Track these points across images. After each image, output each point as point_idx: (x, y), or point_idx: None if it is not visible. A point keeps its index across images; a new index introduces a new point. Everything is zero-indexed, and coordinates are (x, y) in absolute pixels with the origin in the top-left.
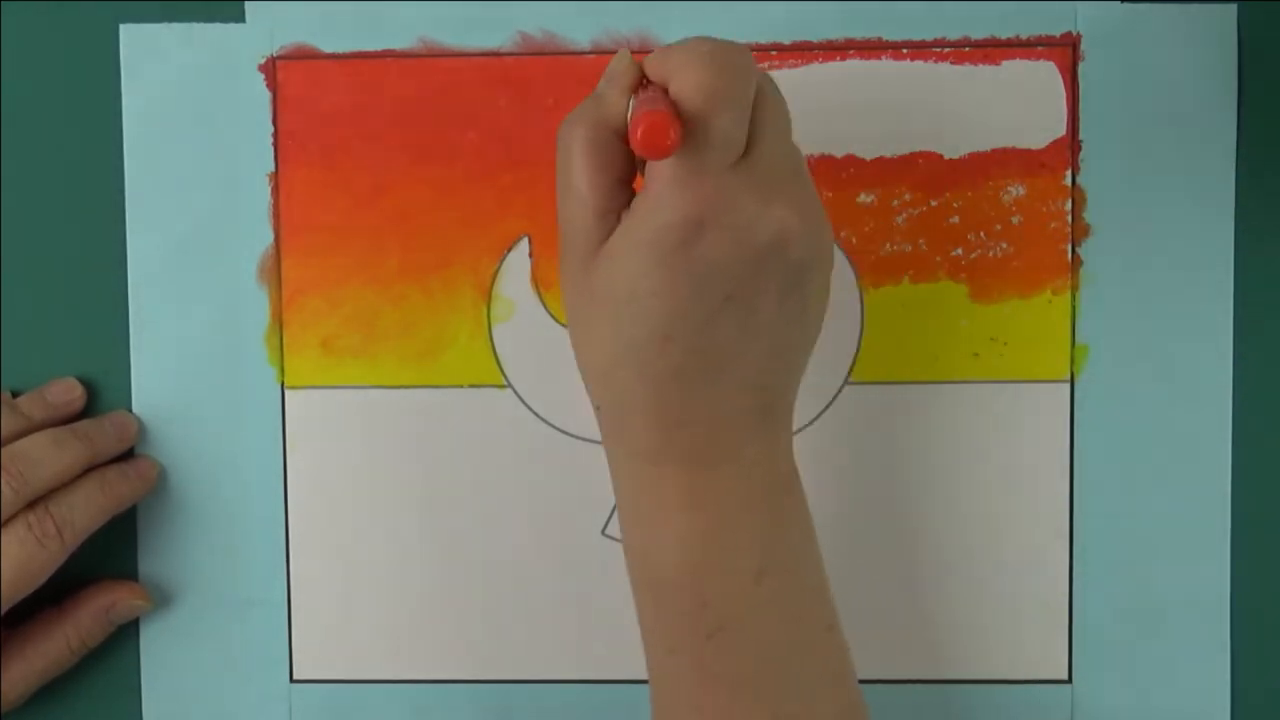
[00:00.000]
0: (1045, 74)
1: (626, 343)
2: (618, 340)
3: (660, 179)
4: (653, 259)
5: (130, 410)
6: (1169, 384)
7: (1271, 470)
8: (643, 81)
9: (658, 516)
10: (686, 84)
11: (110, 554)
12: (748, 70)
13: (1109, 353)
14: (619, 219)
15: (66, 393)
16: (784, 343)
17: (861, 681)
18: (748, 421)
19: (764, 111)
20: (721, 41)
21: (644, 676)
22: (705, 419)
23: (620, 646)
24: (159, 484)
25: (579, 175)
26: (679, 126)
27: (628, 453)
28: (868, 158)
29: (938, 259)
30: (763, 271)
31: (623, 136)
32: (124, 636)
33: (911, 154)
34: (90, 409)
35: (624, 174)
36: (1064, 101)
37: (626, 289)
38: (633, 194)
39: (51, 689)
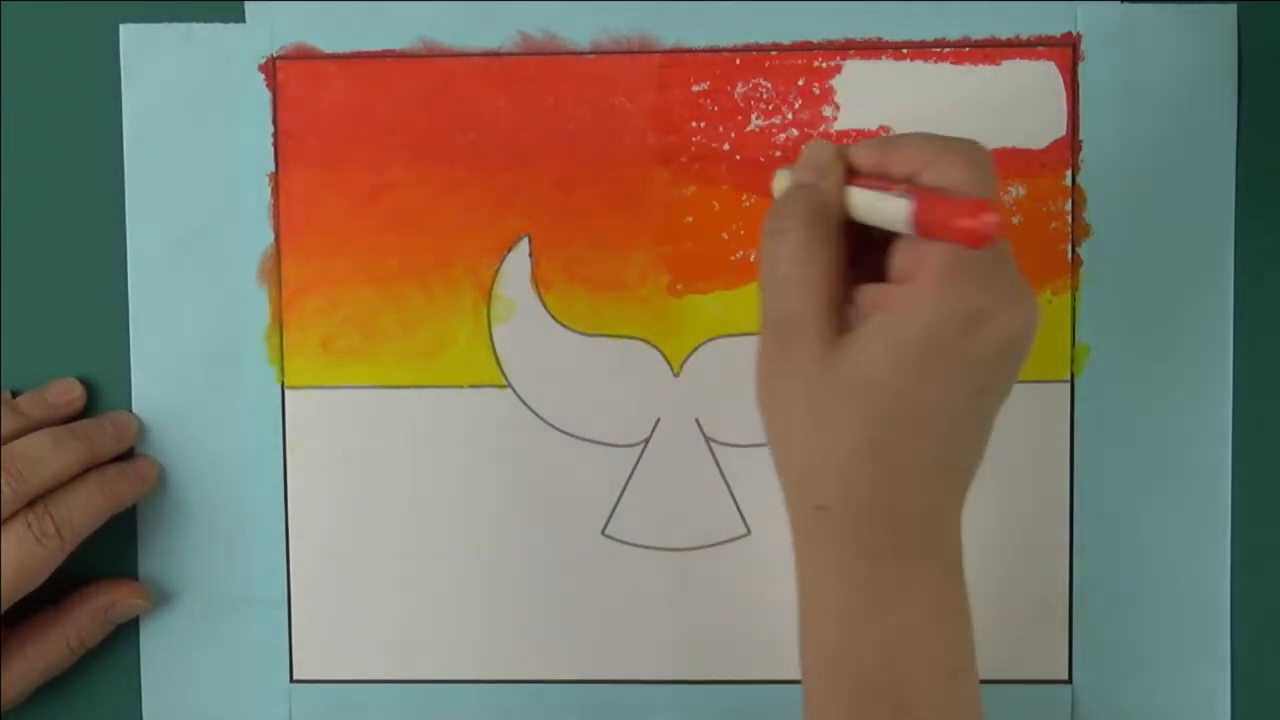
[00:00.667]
0: (1045, 74)
1: (875, 437)
2: (865, 434)
3: (936, 271)
4: (921, 351)
5: (130, 410)
6: (1169, 384)
7: (1271, 470)
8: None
9: (868, 615)
10: (958, 177)
11: (110, 554)
12: (992, 162)
13: (1109, 353)
14: (846, 309)
15: (66, 392)
16: (989, 428)
17: None
18: (953, 511)
19: None
20: (956, 138)
21: (644, 677)
22: (927, 513)
23: (620, 646)
24: (159, 484)
25: (810, 267)
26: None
27: (841, 552)
28: None
29: None
30: (1007, 364)
31: (842, 226)
32: (124, 636)
33: None
34: (90, 409)
35: (844, 265)
36: (1064, 101)
37: (889, 379)
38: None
39: (51, 689)
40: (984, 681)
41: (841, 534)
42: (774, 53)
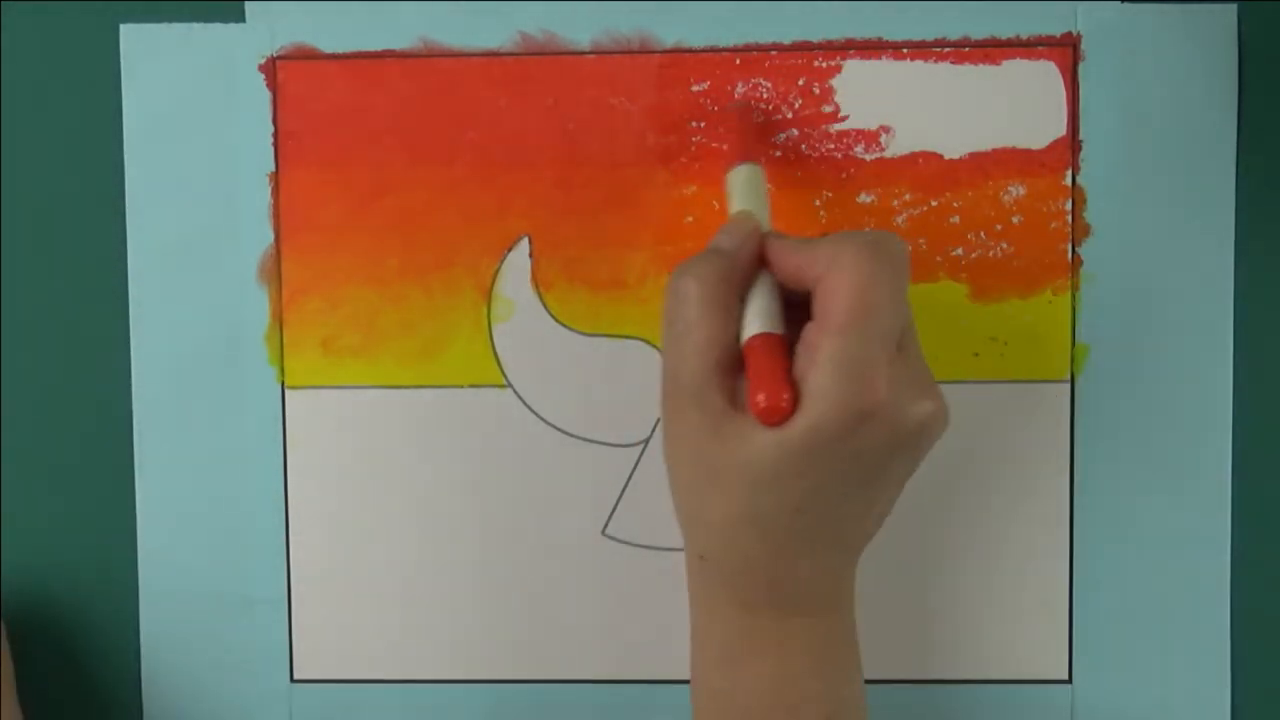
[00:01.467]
0: (1045, 74)
1: (754, 510)
2: (746, 505)
3: (824, 367)
4: (805, 444)
5: (130, 410)
6: (1169, 384)
7: (1271, 470)
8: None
9: (748, 660)
10: (853, 276)
11: (110, 554)
12: (906, 262)
13: (1109, 353)
14: (735, 377)
15: None
16: (888, 510)
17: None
18: (843, 577)
19: (908, 311)
20: (876, 232)
21: (644, 677)
22: (810, 577)
23: (620, 646)
24: (159, 484)
25: (698, 333)
26: (795, 400)
27: (724, 601)
28: (868, 158)
29: (938, 259)
30: (900, 454)
31: (740, 295)
32: (124, 636)
33: (911, 154)
34: (90, 409)
35: (739, 335)
36: (1064, 101)
37: (770, 467)
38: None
39: (52, 689)
40: (984, 681)
41: (721, 585)
42: (774, 53)
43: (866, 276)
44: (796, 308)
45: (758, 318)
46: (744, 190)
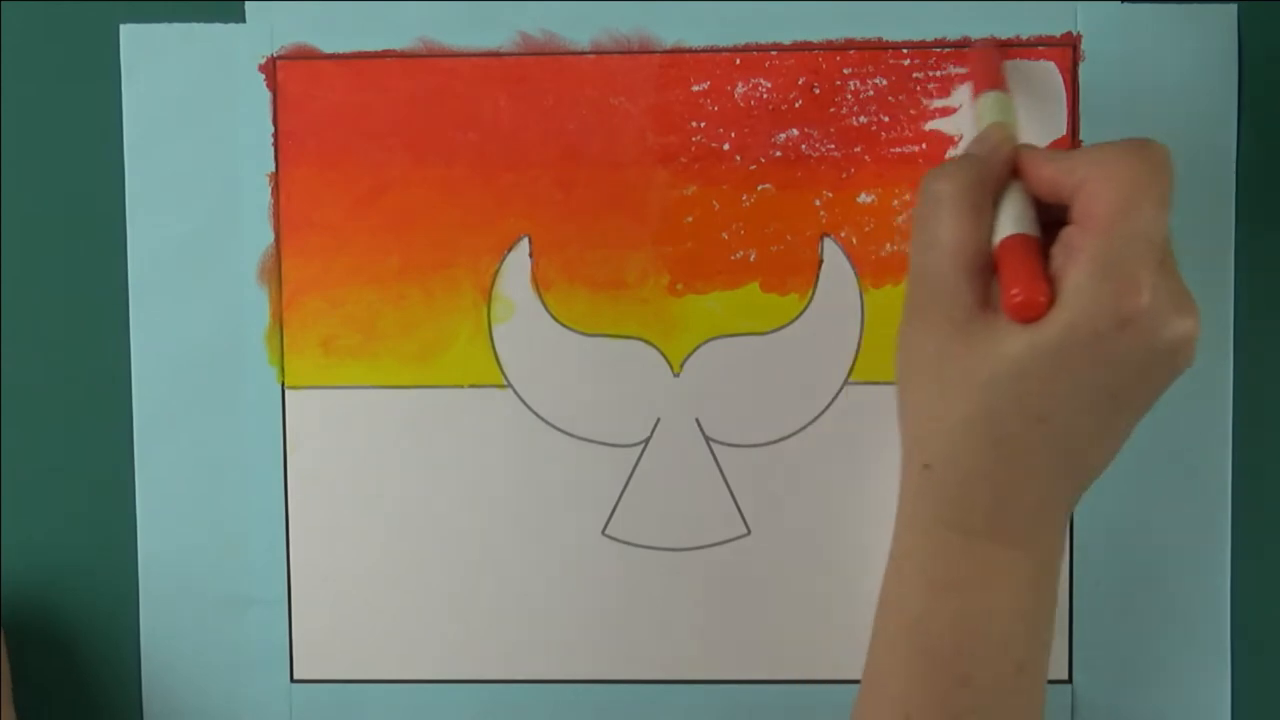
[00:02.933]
0: (1045, 74)
1: (995, 414)
2: (984, 409)
3: (1089, 268)
4: (1059, 344)
5: (130, 410)
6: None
7: (1271, 471)
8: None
9: (951, 589)
10: (1119, 176)
11: (110, 555)
12: (1168, 165)
13: None
14: (986, 279)
15: None
16: (1121, 440)
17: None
18: (1060, 512)
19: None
20: (1140, 139)
21: (645, 677)
22: (1030, 502)
23: (620, 646)
24: (160, 484)
25: (949, 230)
26: (1051, 298)
27: (938, 519)
28: (868, 158)
29: None
30: (1150, 375)
31: (994, 199)
32: (124, 636)
33: (912, 154)
34: (90, 409)
35: (990, 237)
36: (1064, 101)
37: (1015, 367)
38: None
39: (51, 689)
40: None
41: (941, 500)
42: (774, 53)
43: (1134, 177)
44: (1047, 228)
45: (1012, 220)
46: (994, 111)
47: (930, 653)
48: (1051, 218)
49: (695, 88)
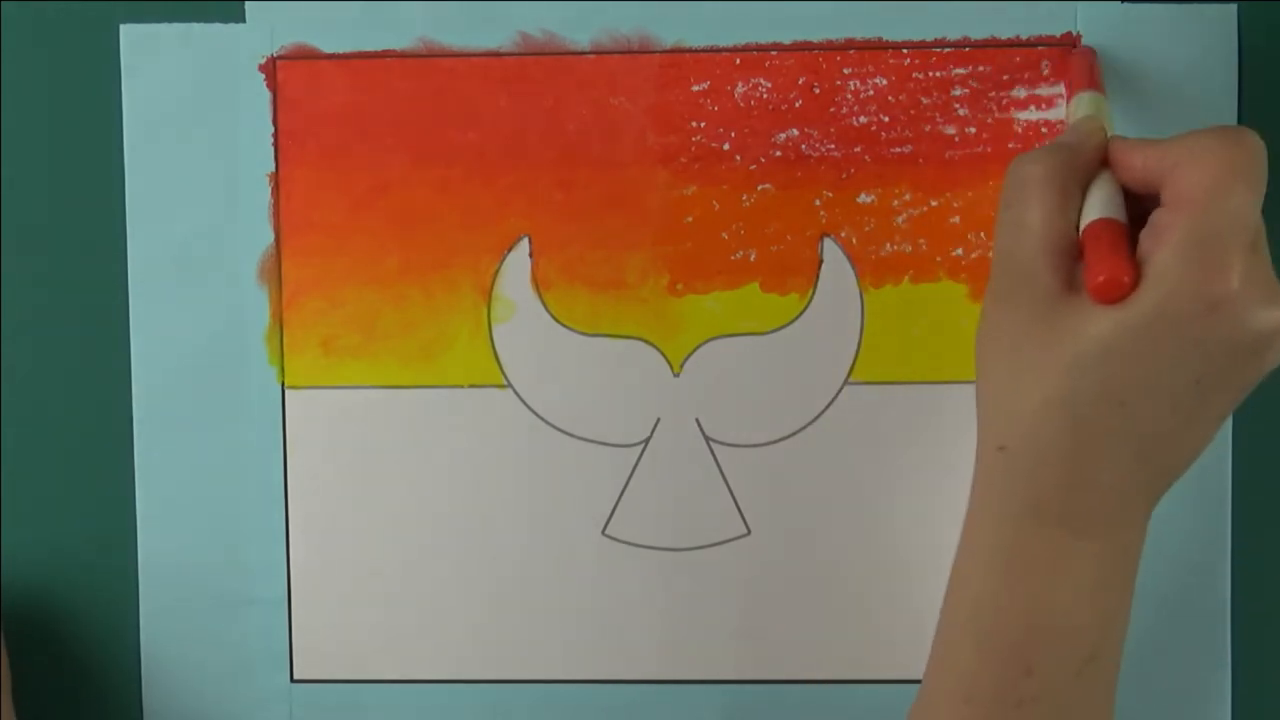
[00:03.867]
0: (1045, 74)
1: (1076, 396)
2: (1067, 391)
3: (1178, 249)
4: (1145, 324)
5: (130, 410)
6: None
7: (1271, 470)
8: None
9: (1021, 574)
10: (1212, 159)
11: (110, 554)
12: (1264, 155)
13: None
14: (1071, 262)
15: None
16: (1205, 436)
17: (862, 681)
18: (1140, 505)
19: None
20: (1233, 126)
21: (645, 677)
22: (1106, 491)
23: (620, 646)
24: (160, 484)
25: (1035, 212)
26: (1136, 280)
27: (1010, 504)
28: (868, 158)
29: (938, 259)
30: (1237, 365)
31: (1082, 185)
32: (124, 636)
33: (911, 154)
34: (90, 409)
35: (1077, 222)
36: (1064, 101)
37: (1102, 345)
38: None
39: (51, 689)
40: None
41: (1016, 483)
42: (774, 53)
43: (1227, 159)
44: (1137, 220)
45: (1100, 205)
46: (1087, 108)
47: (995, 637)
48: (1142, 209)
49: (695, 88)
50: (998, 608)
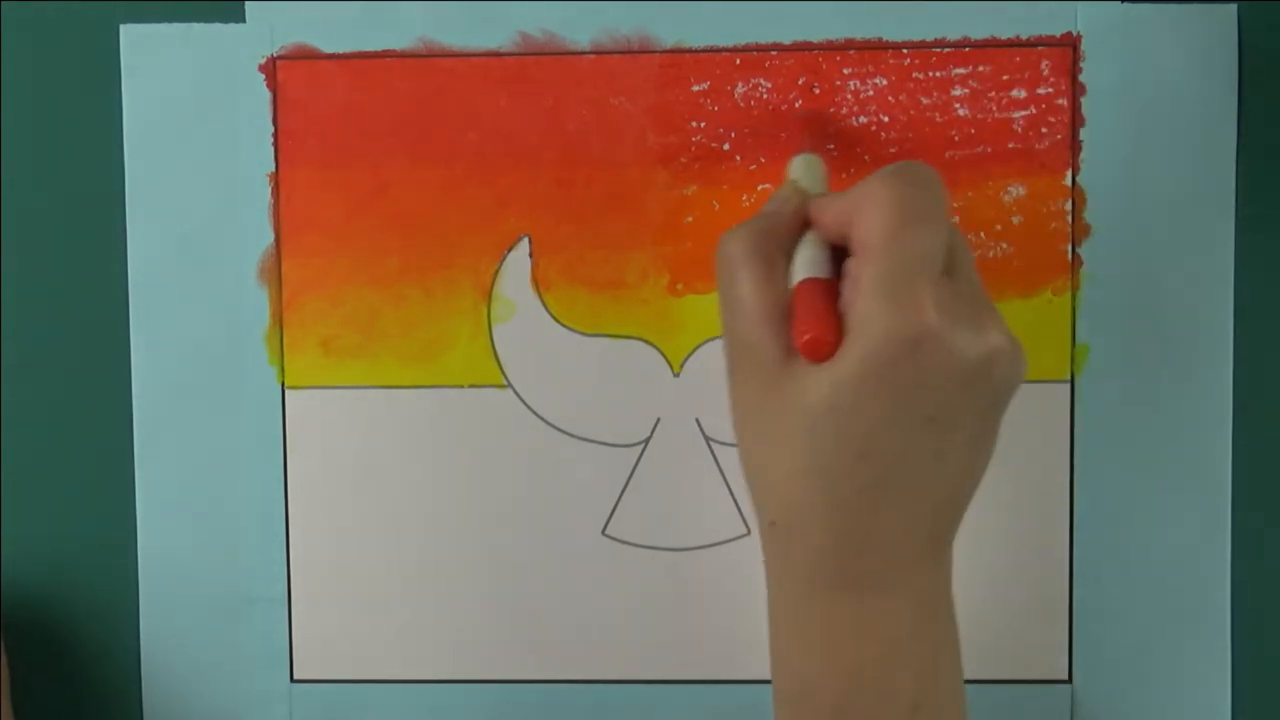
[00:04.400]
0: (1045, 74)
1: (816, 459)
2: (807, 456)
3: (869, 295)
4: (858, 375)
5: (130, 410)
6: (1169, 384)
7: (1271, 470)
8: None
9: (823, 644)
10: (882, 200)
11: (110, 554)
12: (938, 184)
13: (1109, 353)
14: (788, 328)
15: None
16: (969, 466)
17: None
18: (922, 548)
19: (955, 237)
20: (902, 162)
21: (645, 677)
22: (883, 544)
23: (620, 646)
24: (160, 484)
25: (745, 287)
26: (840, 335)
27: (796, 576)
28: (868, 158)
29: None
30: (968, 392)
31: (786, 251)
32: (124, 636)
33: (912, 154)
34: (90, 409)
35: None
36: (1064, 101)
37: (825, 404)
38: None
39: (51, 688)
40: (984, 681)
41: (793, 555)
42: (774, 53)
43: (897, 198)
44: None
45: (804, 266)
46: (799, 170)
47: (818, 709)
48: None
49: (695, 88)
50: (810, 679)
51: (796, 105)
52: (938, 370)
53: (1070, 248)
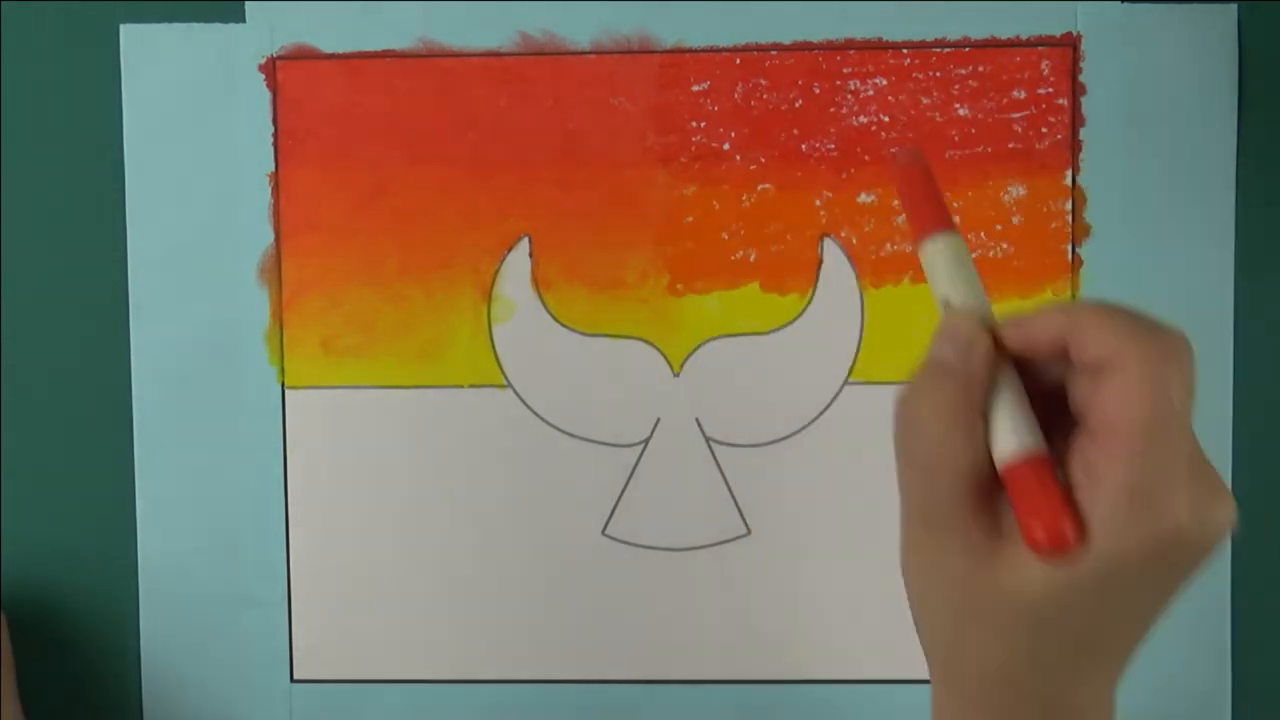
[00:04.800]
0: (1045, 74)
1: (1038, 656)
2: (1025, 649)
3: (1124, 501)
4: (1098, 580)
5: (130, 410)
6: None
7: (1271, 470)
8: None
9: None
10: (1142, 382)
11: (110, 554)
12: (1192, 357)
13: None
14: (994, 503)
15: None
16: (1159, 617)
17: (862, 682)
18: (1109, 695)
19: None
20: (1156, 321)
21: (644, 677)
22: (1080, 705)
23: (620, 646)
24: (160, 484)
25: (941, 460)
26: (1080, 532)
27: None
28: (868, 158)
29: None
30: (1198, 567)
31: (982, 407)
32: (124, 636)
33: None
34: (90, 409)
35: (987, 451)
36: (1064, 101)
37: (1056, 604)
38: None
39: (52, 688)
40: None
41: (979, 713)
42: (774, 53)
43: (1160, 382)
44: (1049, 396)
45: (1010, 434)
46: (949, 271)
47: None
48: (1047, 375)
49: (695, 88)
50: None
51: (797, 105)
52: (1182, 562)
53: (1070, 248)
